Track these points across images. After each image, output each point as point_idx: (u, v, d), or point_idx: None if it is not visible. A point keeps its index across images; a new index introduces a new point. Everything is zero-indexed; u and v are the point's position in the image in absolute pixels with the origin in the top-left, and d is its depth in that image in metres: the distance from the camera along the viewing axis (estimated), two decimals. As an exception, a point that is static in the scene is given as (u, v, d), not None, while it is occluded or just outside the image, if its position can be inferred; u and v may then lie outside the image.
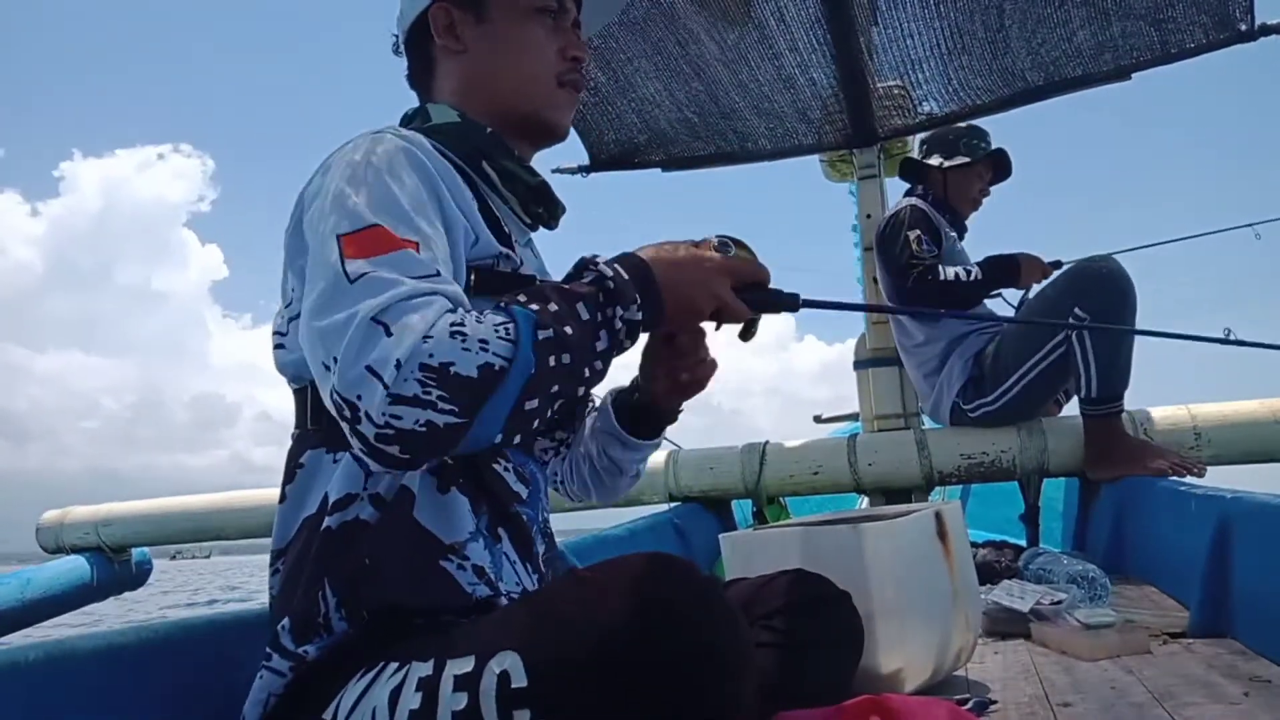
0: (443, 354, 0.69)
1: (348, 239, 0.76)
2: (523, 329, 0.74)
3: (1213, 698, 1.08)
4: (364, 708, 0.72)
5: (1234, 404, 2.51)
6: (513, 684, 0.64)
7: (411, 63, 1.07)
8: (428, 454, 0.72)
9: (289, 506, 0.87)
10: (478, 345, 0.71)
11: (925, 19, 2.58)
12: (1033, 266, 2.62)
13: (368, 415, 0.69)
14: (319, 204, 0.82)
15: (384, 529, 0.82)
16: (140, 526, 3.37)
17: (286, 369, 0.91)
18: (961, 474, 2.63)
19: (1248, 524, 1.39)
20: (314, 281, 0.77)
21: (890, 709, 0.83)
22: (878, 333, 2.99)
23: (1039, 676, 1.25)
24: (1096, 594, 1.64)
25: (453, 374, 0.69)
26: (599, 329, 0.79)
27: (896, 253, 2.64)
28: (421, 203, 0.82)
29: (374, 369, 0.69)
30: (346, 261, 0.75)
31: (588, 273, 0.83)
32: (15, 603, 2.96)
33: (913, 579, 1.19)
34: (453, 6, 1.01)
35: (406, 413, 0.68)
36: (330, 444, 0.86)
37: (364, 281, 0.73)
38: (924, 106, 2.97)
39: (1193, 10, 2.50)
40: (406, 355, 0.69)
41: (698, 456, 2.91)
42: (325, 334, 0.73)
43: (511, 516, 0.89)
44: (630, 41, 2.65)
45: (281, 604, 0.84)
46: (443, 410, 0.69)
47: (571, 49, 1.03)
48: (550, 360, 0.74)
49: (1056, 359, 2.37)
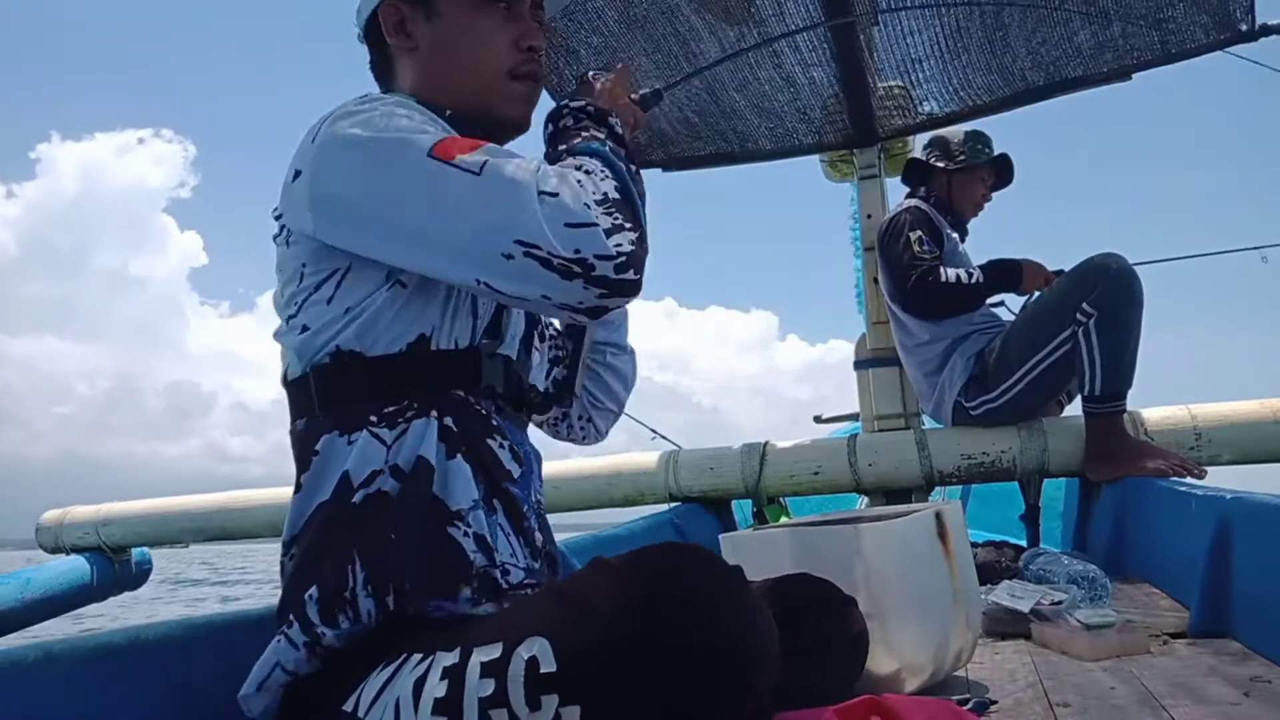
0: (598, 189, 0.81)
1: (440, 149, 0.82)
2: (606, 154, 0.87)
3: (1213, 698, 1.08)
4: (387, 699, 0.72)
5: (1234, 404, 2.51)
6: (541, 669, 0.64)
7: (371, 54, 1.08)
8: (642, 269, 0.82)
9: (305, 494, 0.88)
10: (602, 174, 0.84)
11: (925, 18, 2.58)
12: (1035, 273, 2.61)
13: (599, 256, 0.78)
14: (359, 152, 0.85)
15: (404, 499, 0.84)
16: (141, 526, 3.37)
17: (304, 351, 0.91)
18: (962, 474, 2.63)
19: (1248, 524, 1.39)
20: (416, 204, 0.81)
21: (890, 709, 0.83)
22: (878, 333, 2.99)
23: (1039, 677, 1.25)
24: (1097, 594, 1.64)
25: (613, 198, 0.82)
26: (607, 142, 0.92)
27: (898, 253, 2.64)
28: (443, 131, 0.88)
29: (575, 222, 0.78)
30: (457, 161, 0.80)
31: (567, 115, 0.96)
32: (15, 602, 2.96)
33: (913, 579, 1.19)
34: (402, 3, 1.01)
35: (621, 238, 0.79)
36: (344, 427, 0.87)
37: (492, 166, 0.80)
38: (924, 106, 2.97)
39: (1193, 10, 2.49)
40: (588, 198, 0.79)
41: (698, 457, 2.91)
42: (492, 228, 0.78)
43: (504, 492, 0.91)
44: (631, 40, 2.65)
45: (305, 577, 0.84)
46: (628, 228, 0.81)
47: (527, 38, 1.02)
48: (625, 169, 0.87)
49: (1061, 355, 2.37)
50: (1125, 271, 2.29)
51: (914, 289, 2.59)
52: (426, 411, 0.88)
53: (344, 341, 0.88)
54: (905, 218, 2.69)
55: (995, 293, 2.65)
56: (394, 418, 0.87)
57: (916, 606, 1.17)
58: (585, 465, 3.03)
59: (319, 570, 0.83)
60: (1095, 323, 2.28)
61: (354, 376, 0.88)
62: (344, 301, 0.89)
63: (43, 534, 3.44)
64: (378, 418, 0.87)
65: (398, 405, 0.87)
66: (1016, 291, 2.64)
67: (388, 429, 0.87)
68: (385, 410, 0.87)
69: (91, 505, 3.45)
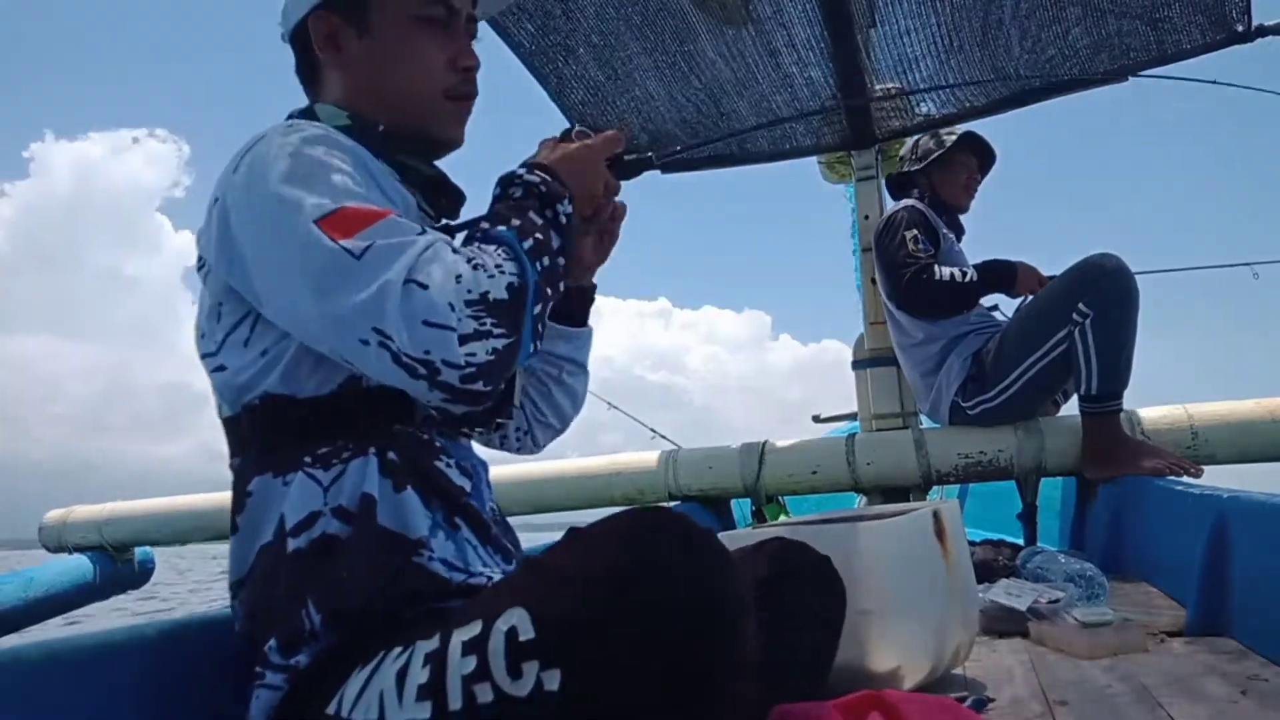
0: (478, 287, 0.76)
1: (327, 221, 0.77)
2: (516, 246, 0.82)
3: (1209, 696, 1.09)
4: (370, 695, 0.72)
5: (1231, 404, 2.52)
6: (520, 637, 0.64)
7: (297, 62, 1.03)
8: (500, 379, 0.78)
9: (243, 537, 0.87)
10: (496, 270, 0.78)
11: (922, 17, 2.59)
12: (1029, 275, 2.62)
13: (446, 363, 0.74)
14: (261, 201, 0.81)
15: (355, 539, 0.82)
16: (143, 526, 3.38)
17: (228, 392, 0.89)
18: (959, 473, 2.63)
19: (1244, 523, 1.40)
20: (301, 274, 0.77)
21: (890, 704, 0.84)
22: (876, 333, 2.99)
23: (1036, 675, 1.26)
24: (1094, 593, 1.65)
25: (493, 300, 0.77)
26: (549, 228, 0.87)
27: (893, 251, 2.65)
28: (364, 179, 0.85)
29: (432, 321, 0.73)
30: (341, 242, 0.76)
31: (516, 186, 0.90)
32: (18, 601, 2.97)
33: (911, 577, 1.19)
34: (333, 15, 0.97)
35: (477, 348, 0.75)
36: (277, 468, 0.85)
37: (373, 252, 0.76)
38: (921, 108, 2.98)
39: (1189, 10, 2.50)
40: (454, 299, 0.74)
41: (697, 456, 2.92)
42: (360, 311, 0.74)
43: (464, 507, 0.90)
44: (631, 39, 2.66)
45: (260, 630, 0.82)
46: (498, 335, 0.76)
47: (462, 59, 1.00)
48: (540, 265, 0.83)
49: (1058, 355, 2.38)
50: (1121, 271, 2.30)
51: (908, 286, 2.60)
52: (364, 450, 0.86)
53: (271, 386, 0.86)
54: (901, 216, 2.70)
55: (989, 293, 2.66)
56: (328, 459, 0.85)
57: (915, 605, 1.18)
58: (585, 464, 3.04)
59: (272, 621, 0.81)
60: (1091, 323, 2.29)
61: (286, 418, 0.86)
62: (260, 344, 0.87)
63: (45, 533, 3.44)
64: (312, 459, 0.85)
65: (332, 446, 0.85)
66: (1010, 293, 2.65)
67: (323, 470, 0.85)
68: (319, 451, 0.85)
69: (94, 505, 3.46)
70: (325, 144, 0.85)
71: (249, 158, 0.85)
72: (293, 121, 0.89)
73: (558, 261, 0.86)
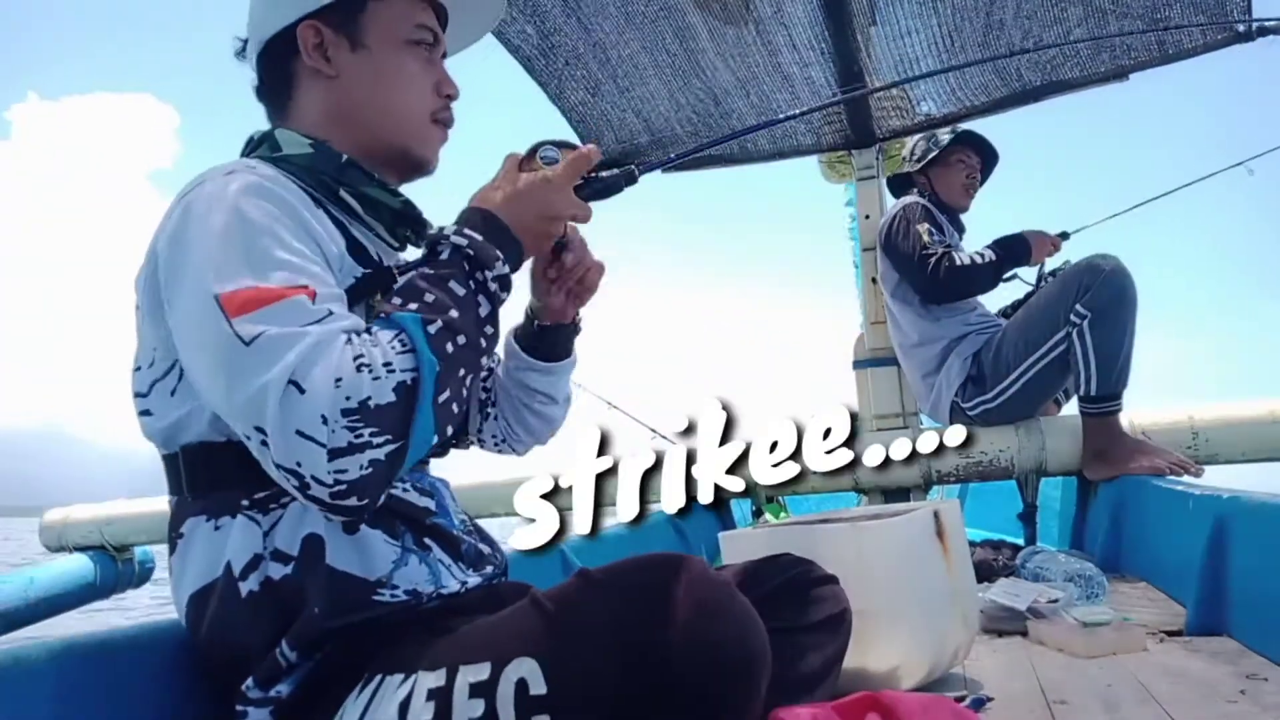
0: (358, 393, 0.70)
1: (228, 298, 0.73)
2: (415, 334, 0.75)
3: (1209, 696, 1.09)
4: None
5: (1231, 404, 2.53)
6: (531, 691, 0.64)
7: (265, 75, 0.98)
8: (381, 489, 0.73)
9: (175, 580, 0.85)
10: (384, 370, 0.72)
11: (923, 16, 2.59)
12: (1041, 242, 2.63)
13: (315, 479, 0.69)
14: (182, 257, 0.78)
15: (303, 581, 0.79)
16: (143, 525, 3.38)
17: (155, 436, 0.87)
18: (960, 473, 2.63)
19: (1244, 523, 1.40)
20: (199, 347, 0.75)
21: (888, 705, 0.84)
22: (876, 333, 2.99)
23: (1036, 674, 1.26)
24: (1093, 592, 1.65)
25: (374, 407, 0.70)
26: (476, 296, 0.81)
27: (909, 246, 2.63)
28: (292, 239, 0.80)
29: (304, 433, 0.69)
30: (234, 323, 0.72)
31: (442, 247, 0.83)
32: (19, 601, 2.97)
33: (911, 577, 1.20)
34: (325, 27, 0.95)
35: (349, 463, 0.69)
36: (212, 512, 0.83)
37: (262, 342, 0.71)
38: (922, 107, 2.98)
39: (1190, 10, 2.50)
40: (328, 408, 0.69)
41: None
42: (245, 406, 0.71)
43: (431, 528, 0.89)
44: (631, 38, 2.66)
45: (229, 674, 0.80)
46: (379, 444, 0.70)
47: (446, 85, 1.00)
48: (448, 349, 0.76)
49: (1057, 356, 2.38)
50: (1118, 272, 2.30)
51: (932, 276, 2.58)
52: None
53: (201, 433, 0.84)
54: (910, 211, 2.70)
55: (1009, 268, 2.65)
56: (266, 503, 0.82)
57: (914, 604, 1.18)
58: (585, 464, 3.04)
59: (246, 664, 0.79)
60: (1089, 324, 2.29)
61: (223, 461, 0.83)
62: (185, 397, 0.84)
63: (46, 533, 3.44)
64: (249, 502, 0.82)
65: (269, 491, 0.81)
66: (1028, 263, 2.65)
67: (261, 514, 0.82)
68: (257, 496, 0.82)
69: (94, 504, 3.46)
70: (259, 195, 0.80)
71: (183, 206, 0.81)
72: (235, 166, 0.85)
73: (483, 332, 0.82)
